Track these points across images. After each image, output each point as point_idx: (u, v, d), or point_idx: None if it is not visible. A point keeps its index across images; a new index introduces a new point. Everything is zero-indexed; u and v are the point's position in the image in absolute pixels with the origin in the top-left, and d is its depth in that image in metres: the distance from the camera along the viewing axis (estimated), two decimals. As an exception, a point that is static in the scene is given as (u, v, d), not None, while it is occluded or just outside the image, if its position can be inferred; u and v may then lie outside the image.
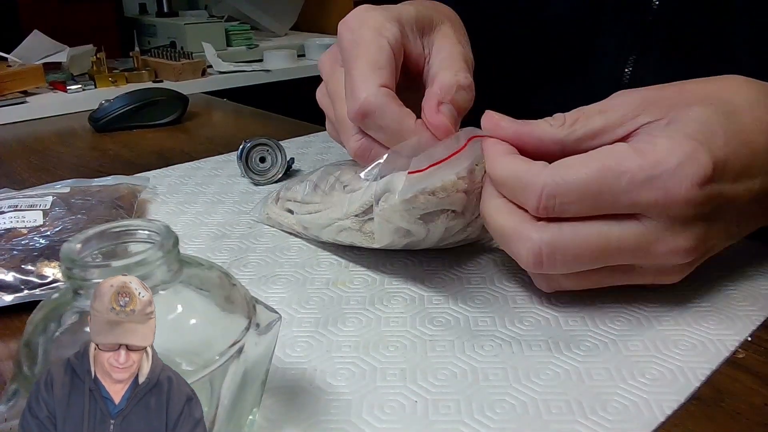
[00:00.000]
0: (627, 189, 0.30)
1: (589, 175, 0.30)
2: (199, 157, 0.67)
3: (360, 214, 0.38)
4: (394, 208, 0.35)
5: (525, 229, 0.32)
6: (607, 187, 0.30)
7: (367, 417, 0.28)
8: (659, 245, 0.31)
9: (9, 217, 0.42)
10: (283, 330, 0.33)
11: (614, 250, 0.31)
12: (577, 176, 0.30)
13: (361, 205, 0.38)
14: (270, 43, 1.76)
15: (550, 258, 0.31)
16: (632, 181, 0.30)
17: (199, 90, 1.18)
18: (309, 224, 0.43)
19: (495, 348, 0.32)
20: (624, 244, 0.31)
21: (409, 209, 0.35)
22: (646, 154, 0.30)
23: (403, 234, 0.37)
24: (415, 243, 0.38)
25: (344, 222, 0.39)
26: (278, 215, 0.46)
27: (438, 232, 0.37)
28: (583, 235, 0.31)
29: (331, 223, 0.40)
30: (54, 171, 0.66)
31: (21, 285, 0.37)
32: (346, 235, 0.40)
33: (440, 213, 0.36)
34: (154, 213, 0.51)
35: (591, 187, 0.30)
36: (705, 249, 0.32)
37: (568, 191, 0.30)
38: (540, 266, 0.32)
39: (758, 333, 0.33)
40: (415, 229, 0.36)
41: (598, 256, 0.32)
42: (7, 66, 1.11)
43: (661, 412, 0.28)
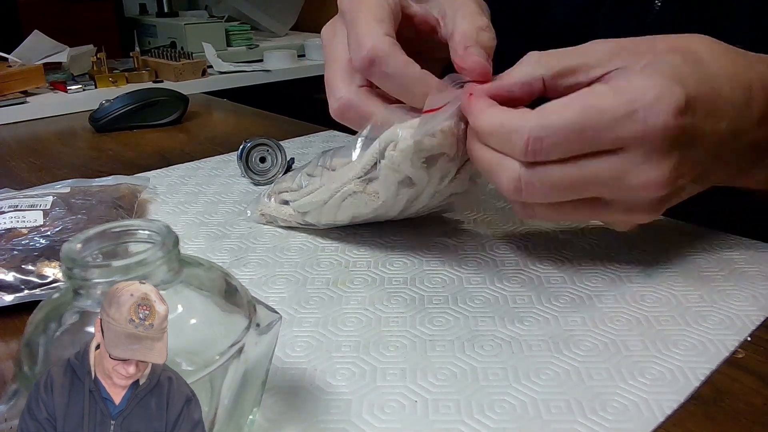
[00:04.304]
0: (609, 125, 0.31)
1: (572, 115, 0.31)
2: (199, 157, 0.67)
3: (363, 176, 0.39)
4: (404, 152, 0.36)
5: (506, 160, 0.33)
6: (590, 125, 0.31)
7: (367, 417, 0.28)
8: (634, 177, 0.32)
9: (9, 217, 0.42)
10: (283, 330, 0.33)
11: (591, 181, 0.33)
12: (561, 117, 0.31)
13: (364, 166, 0.39)
14: (270, 43, 1.76)
15: (528, 186, 0.33)
16: (614, 118, 0.31)
17: (199, 90, 1.18)
18: (308, 207, 0.43)
19: (495, 348, 0.32)
20: (601, 175, 0.32)
21: (417, 151, 0.36)
22: (624, 91, 0.31)
23: (406, 184, 0.39)
24: (414, 195, 0.40)
25: (349, 187, 0.40)
26: (273, 209, 0.46)
27: (435, 178, 0.39)
28: (562, 167, 0.32)
29: (333, 194, 0.41)
30: (54, 171, 0.66)
31: (21, 285, 0.37)
32: (350, 202, 0.40)
33: (438, 156, 0.37)
34: (154, 213, 0.51)
35: (575, 126, 0.31)
36: (675, 186, 0.33)
37: (554, 133, 0.31)
38: (519, 194, 0.33)
39: (758, 333, 0.33)
40: (418, 176, 0.38)
41: (575, 187, 0.33)
42: (8, 66, 1.11)
43: (660, 412, 0.28)
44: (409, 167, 0.37)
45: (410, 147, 0.36)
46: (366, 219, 0.44)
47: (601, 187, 0.33)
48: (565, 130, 0.31)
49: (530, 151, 0.32)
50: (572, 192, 0.33)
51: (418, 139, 0.36)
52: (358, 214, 0.42)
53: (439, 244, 0.44)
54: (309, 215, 0.44)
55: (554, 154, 0.32)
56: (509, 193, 0.34)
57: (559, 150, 0.32)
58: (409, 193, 0.40)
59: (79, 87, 1.15)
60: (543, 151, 0.32)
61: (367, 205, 0.40)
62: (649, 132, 0.31)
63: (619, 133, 0.31)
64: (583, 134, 0.31)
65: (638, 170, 0.32)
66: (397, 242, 0.44)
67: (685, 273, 0.39)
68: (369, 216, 0.42)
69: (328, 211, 0.42)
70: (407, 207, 0.42)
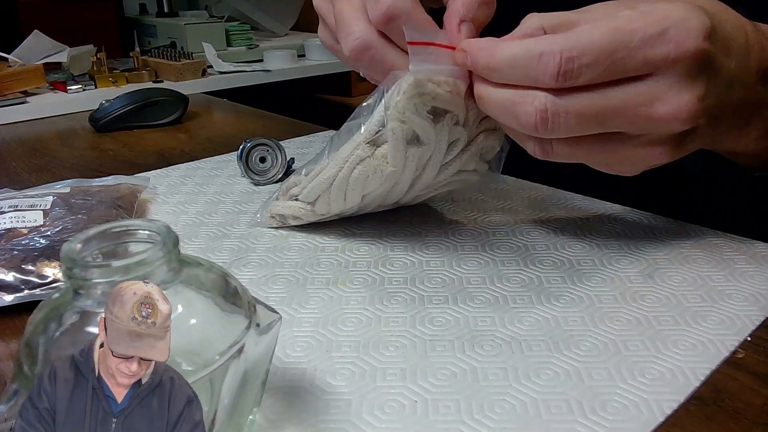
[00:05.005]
0: (640, 45, 0.31)
1: (603, 35, 0.31)
2: (199, 157, 0.67)
3: (371, 139, 0.39)
4: (407, 94, 0.36)
5: (528, 93, 0.33)
6: (622, 45, 0.31)
7: (367, 417, 0.28)
8: (661, 104, 0.32)
9: (9, 217, 0.42)
10: (283, 330, 0.33)
11: (618, 110, 0.32)
12: (592, 37, 0.31)
13: (371, 128, 0.38)
14: (270, 43, 1.76)
15: (554, 117, 0.32)
16: (644, 38, 0.31)
17: (199, 90, 1.18)
18: (317, 190, 0.42)
19: (495, 348, 0.32)
20: (629, 103, 0.32)
21: (420, 95, 0.36)
22: (653, 13, 0.31)
23: (414, 143, 0.38)
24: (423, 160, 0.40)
25: (357, 153, 0.39)
26: (283, 208, 0.46)
27: (443, 141, 0.39)
28: (589, 95, 0.32)
29: (342, 166, 0.40)
30: (54, 171, 0.66)
31: (21, 285, 0.37)
32: (359, 174, 0.40)
33: (445, 113, 0.37)
34: (154, 213, 0.51)
35: (607, 46, 0.31)
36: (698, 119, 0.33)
37: (585, 52, 0.31)
38: (545, 125, 0.32)
39: (758, 333, 0.33)
40: (425, 131, 0.38)
41: (602, 116, 0.32)
42: (8, 66, 1.11)
43: (660, 412, 0.28)
44: (414, 115, 0.37)
45: (412, 86, 0.35)
46: (378, 200, 0.43)
47: (627, 116, 0.32)
48: (596, 51, 0.31)
49: (563, 72, 0.31)
50: (598, 123, 0.33)
51: (420, 78, 0.35)
52: (368, 191, 0.41)
53: (439, 244, 0.44)
54: (318, 203, 0.43)
55: (584, 78, 0.31)
56: (536, 126, 0.33)
57: (589, 73, 0.31)
58: (418, 155, 0.39)
59: (79, 87, 1.15)
60: (575, 72, 0.31)
61: (376, 173, 0.39)
62: (680, 54, 0.31)
63: (649, 55, 0.31)
64: (615, 55, 0.31)
65: (667, 96, 0.32)
66: (397, 242, 0.44)
67: (685, 273, 0.39)
68: (380, 193, 0.42)
69: (337, 192, 0.41)
70: (417, 180, 0.42)
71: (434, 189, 0.45)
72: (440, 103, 0.37)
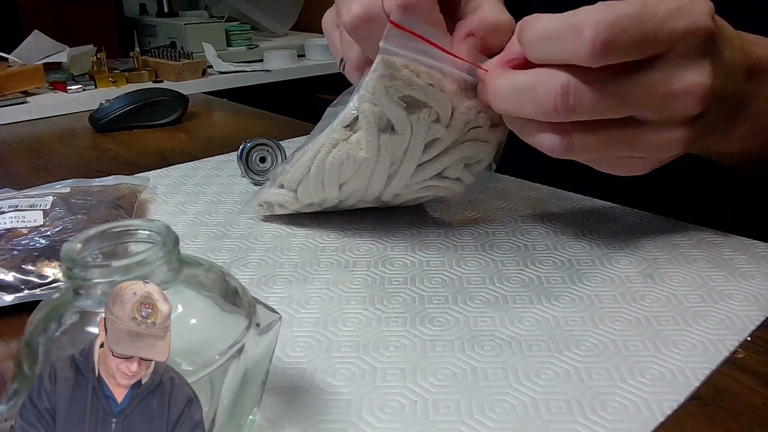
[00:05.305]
0: (666, 17, 0.32)
1: (634, 7, 0.32)
2: (199, 157, 0.67)
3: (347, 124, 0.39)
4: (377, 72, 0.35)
5: (551, 72, 0.33)
6: (650, 17, 0.32)
7: (367, 417, 0.28)
8: (677, 81, 0.33)
9: (9, 217, 0.42)
10: (283, 330, 0.33)
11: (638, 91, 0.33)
12: (624, 9, 0.32)
13: (347, 113, 0.39)
14: (270, 43, 1.76)
15: (576, 93, 0.32)
16: (668, 10, 0.32)
17: (199, 90, 1.18)
18: (298, 177, 0.42)
19: (495, 348, 0.32)
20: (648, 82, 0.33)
21: (391, 76, 0.36)
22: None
23: (387, 131, 0.38)
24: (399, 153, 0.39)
25: (332, 136, 0.39)
26: (270, 195, 0.46)
27: (419, 136, 0.38)
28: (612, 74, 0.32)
29: (317, 151, 0.40)
30: (54, 171, 0.66)
31: (21, 285, 0.37)
32: (333, 160, 0.40)
33: (422, 106, 0.37)
34: (154, 213, 0.51)
35: (638, 17, 0.32)
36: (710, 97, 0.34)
37: (620, 22, 0.31)
38: (567, 101, 0.33)
39: (758, 333, 0.33)
40: (398, 119, 0.37)
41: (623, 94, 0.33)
42: (8, 66, 1.11)
43: (660, 412, 0.28)
44: (385, 98, 0.36)
45: (380, 65, 0.35)
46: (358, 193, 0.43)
47: (646, 93, 0.33)
48: (630, 20, 0.31)
49: (601, 41, 0.31)
50: (618, 101, 0.33)
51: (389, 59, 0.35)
52: (345, 179, 0.41)
53: (439, 244, 0.44)
54: (300, 190, 0.43)
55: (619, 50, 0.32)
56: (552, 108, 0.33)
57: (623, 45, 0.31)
58: (392, 144, 0.39)
59: (79, 87, 1.15)
60: (611, 43, 0.31)
61: (350, 159, 0.39)
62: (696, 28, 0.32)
63: (672, 27, 0.32)
64: (644, 27, 0.32)
65: (682, 73, 0.33)
66: (397, 242, 0.44)
67: (685, 273, 0.39)
68: (358, 184, 0.42)
69: (315, 177, 0.41)
70: (393, 176, 0.41)
71: (415, 190, 0.44)
72: (417, 94, 0.36)
